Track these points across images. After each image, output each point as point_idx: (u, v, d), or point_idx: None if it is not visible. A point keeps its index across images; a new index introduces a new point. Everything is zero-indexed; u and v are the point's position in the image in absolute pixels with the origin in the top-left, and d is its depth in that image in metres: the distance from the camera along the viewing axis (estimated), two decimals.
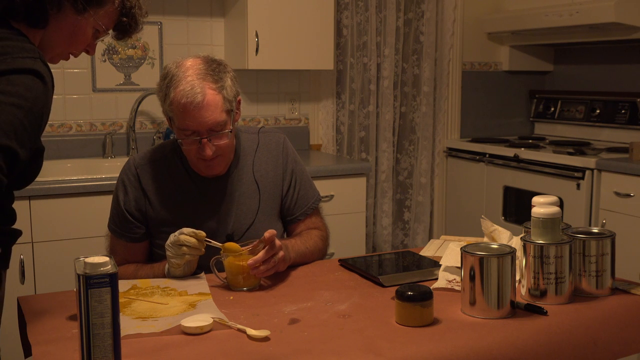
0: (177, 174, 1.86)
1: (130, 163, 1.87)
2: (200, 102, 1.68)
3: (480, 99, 4.17)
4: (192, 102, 1.68)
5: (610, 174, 3.06)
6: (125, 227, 1.85)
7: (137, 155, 1.90)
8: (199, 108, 1.69)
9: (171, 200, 1.84)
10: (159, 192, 1.84)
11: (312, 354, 1.26)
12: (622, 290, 1.59)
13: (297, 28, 3.30)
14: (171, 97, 1.71)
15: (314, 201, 1.98)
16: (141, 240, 1.86)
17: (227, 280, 1.66)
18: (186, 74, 1.71)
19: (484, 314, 1.43)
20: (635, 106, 3.61)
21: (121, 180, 1.86)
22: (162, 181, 1.85)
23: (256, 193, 1.88)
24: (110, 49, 3.30)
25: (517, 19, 3.84)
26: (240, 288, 1.63)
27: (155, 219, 1.83)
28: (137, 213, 1.84)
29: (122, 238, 1.86)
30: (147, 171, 1.85)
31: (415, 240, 4.03)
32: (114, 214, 1.87)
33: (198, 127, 1.71)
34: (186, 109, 1.69)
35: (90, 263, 1.14)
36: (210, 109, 1.70)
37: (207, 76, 1.71)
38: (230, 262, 1.64)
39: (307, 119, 3.75)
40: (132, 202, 1.83)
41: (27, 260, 2.63)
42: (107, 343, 1.15)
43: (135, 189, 1.84)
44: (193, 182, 1.85)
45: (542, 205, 1.53)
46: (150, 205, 1.83)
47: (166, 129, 3.39)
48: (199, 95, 1.68)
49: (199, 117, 1.69)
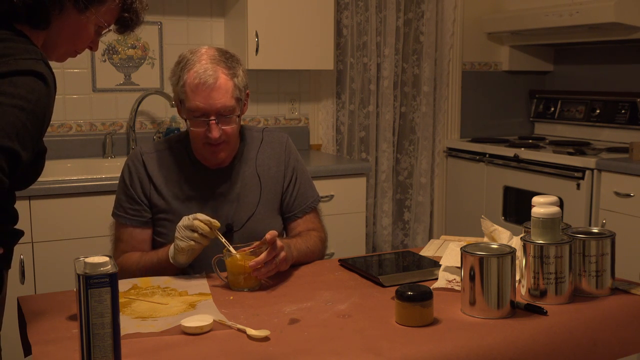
0: (182, 163, 1.90)
1: (136, 151, 1.92)
2: (212, 84, 1.75)
3: (480, 99, 4.17)
4: (205, 82, 1.75)
5: (610, 174, 3.06)
6: (131, 211, 1.87)
7: (143, 145, 1.96)
8: (211, 89, 1.75)
9: (175, 188, 1.88)
10: (164, 179, 1.88)
11: (312, 354, 1.26)
12: (622, 290, 1.59)
13: (297, 28, 3.30)
14: (184, 78, 1.78)
15: (312, 200, 2.01)
16: (146, 225, 1.89)
17: (228, 280, 1.66)
18: (201, 58, 1.79)
19: (484, 314, 1.43)
20: (635, 106, 3.61)
21: (127, 166, 1.91)
22: (167, 169, 1.89)
23: (257, 186, 1.92)
24: (110, 49, 3.30)
25: (517, 19, 3.84)
26: (241, 288, 1.63)
27: (158, 205, 1.87)
28: (143, 197, 1.87)
29: (127, 222, 1.88)
30: (153, 158, 1.90)
31: (415, 240, 4.03)
32: (121, 199, 1.90)
33: (208, 108, 1.76)
34: (198, 89, 1.76)
35: (90, 263, 1.14)
36: (221, 92, 1.76)
37: (221, 62, 1.79)
38: (232, 261, 1.64)
39: (307, 119, 3.75)
40: (138, 186, 1.87)
41: (27, 260, 2.63)
42: (107, 343, 1.15)
43: (141, 174, 1.88)
44: (197, 173, 1.89)
45: (542, 205, 1.53)
46: (155, 190, 1.87)
47: (166, 129, 3.39)
48: (211, 77, 1.75)
49: (210, 97, 1.76)
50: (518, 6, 3.94)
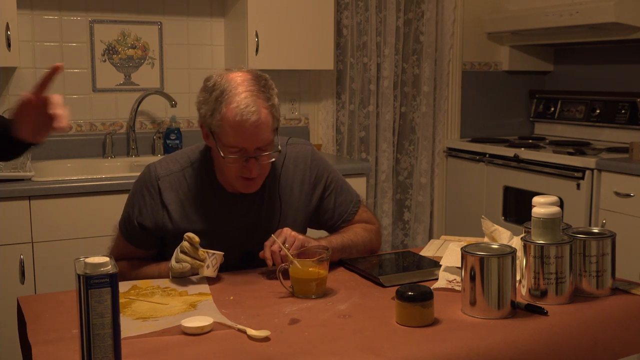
0: (201, 186, 1.79)
1: (152, 173, 1.79)
2: (255, 121, 1.63)
3: (480, 99, 4.17)
4: (248, 120, 1.63)
5: (610, 174, 3.06)
6: (133, 235, 1.81)
7: (159, 164, 1.81)
8: (254, 127, 1.64)
9: (192, 212, 1.78)
10: (180, 204, 1.78)
11: (312, 354, 1.26)
12: (622, 290, 1.59)
13: (297, 28, 3.30)
14: (222, 112, 1.64)
15: (354, 204, 1.94)
16: (148, 249, 1.83)
17: (294, 289, 1.59)
18: (238, 89, 1.65)
19: (484, 314, 1.42)
20: (635, 106, 3.61)
21: (140, 191, 1.79)
22: (184, 193, 1.79)
23: (278, 211, 1.84)
24: (110, 48, 3.30)
25: (517, 19, 3.84)
26: (310, 295, 1.58)
27: (173, 230, 1.77)
28: (152, 226, 1.78)
29: (131, 242, 1.82)
30: (170, 183, 1.78)
31: (415, 240, 4.03)
32: (126, 220, 1.82)
33: (248, 146, 1.67)
34: (241, 127, 1.63)
35: (90, 263, 1.14)
36: (263, 128, 1.65)
37: (260, 93, 1.67)
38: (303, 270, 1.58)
39: (307, 119, 3.75)
40: (149, 215, 1.77)
41: (27, 260, 2.62)
42: (107, 343, 1.14)
43: (155, 202, 1.77)
44: (215, 196, 1.79)
45: (542, 205, 1.53)
46: (169, 219, 1.77)
47: (166, 129, 3.39)
48: (254, 114, 1.63)
49: (253, 135, 1.65)
50: (518, 6, 3.94)
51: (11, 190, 2.58)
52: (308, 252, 1.65)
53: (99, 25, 3.26)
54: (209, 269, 1.67)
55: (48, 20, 3.17)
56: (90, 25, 3.24)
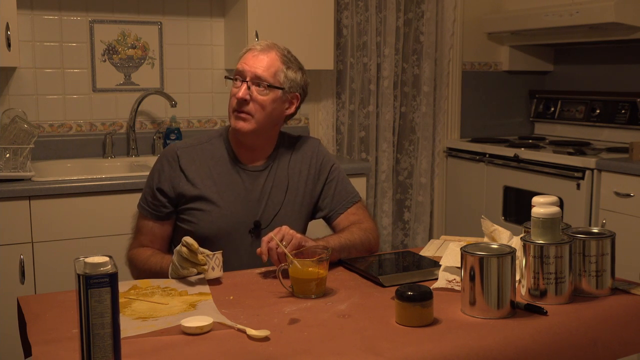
0: (220, 157, 1.95)
1: (172, 147, 1.96)
2: (259, 51, 1.88)
3: (480, 99, 4.18)
4: (254, 48, 1.89)
5: (610, 174, 3.06)
6: (152, 205, 1.92)
7: (179, 142, 2.00)
8: (256, 55, 1.87)
9: (207, 178, 1.91)
10: (197, 170, 1.91)
11: (312, 354, 1.26)
12: (622, 290, 1.59)
13: (297, 28, 3.30)
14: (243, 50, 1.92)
15: (353, 196, 2.05)
16: (166, 219, 1.93)
17: (294, 289, 1.59)
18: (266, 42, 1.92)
19: (484, 314, 1.43)
20: (635, 106, 3.61)
21: (160, 161, 1.94)
22: (201, 161, 1.93)
23: (285, 186, 1.97)
24: (110, 48, 3.30)
25: (517, 19, 3.84)
26: (310, 295, 1.58)
27: (188, 194, 1.90)
28: (169, 189, 1.90)
29: (148, 215, 1.93)
30: (188, 153, 1.94)
31: (415, 240, 4.03)
32: (146, 192, 1.95)
33: (245, 71, 1.86)
34: (246, 53, 1.90)
35: (90, 263, 1.14)
36: (264, 62, 1.86)
37: (283, 51, 1.92)
38: (303, 270, 1.58)
39: (307, 119, 3.75)
40: (167, 180, 1.90)
41: (27, 260, 2.63)
42: (107, 343, 1.15)
43: (172, 168, 1.91)
44: (233, 168, 1.94)
45: (542, 205, 1.53)
46: (186, 180, 1.90)
47: (166, 129, 3.39)
48: (261, 47, 1.89)
49: (252, 61, 1.86)
50: (518, 6, 3.94)
51: (11, 190, 2.58)
52: (308, 252, 1.65)
53: (99, 25, 3.26)
54: (214, 270, 1.68)
55: (48, 20, 3.17)
56: (90, 25, 3.24)
